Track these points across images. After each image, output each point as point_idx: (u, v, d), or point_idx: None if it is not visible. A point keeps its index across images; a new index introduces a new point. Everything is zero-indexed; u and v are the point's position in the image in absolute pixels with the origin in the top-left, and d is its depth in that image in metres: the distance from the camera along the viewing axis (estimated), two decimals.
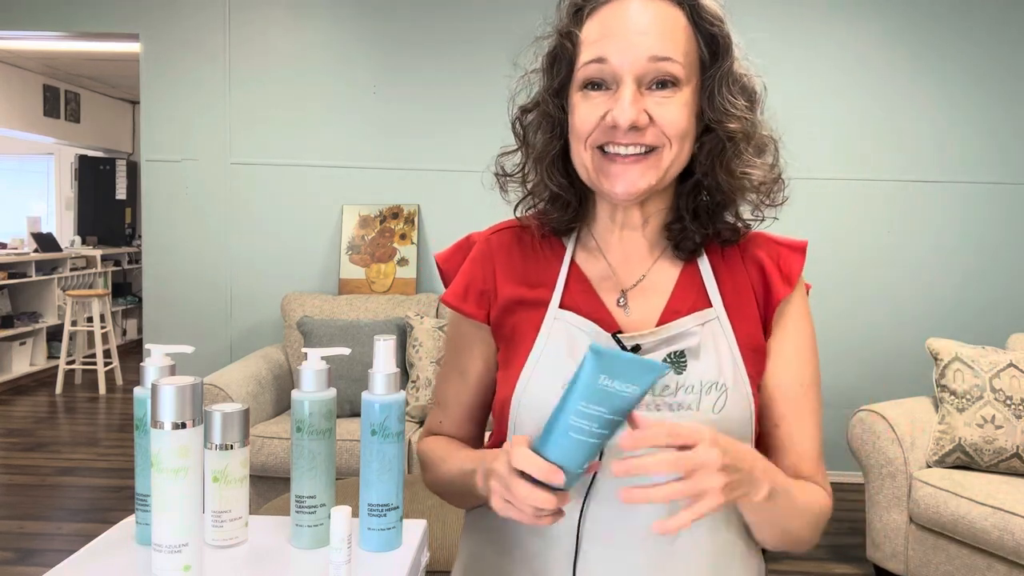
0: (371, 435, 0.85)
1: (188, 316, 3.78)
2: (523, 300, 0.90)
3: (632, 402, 0.70)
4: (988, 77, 3.65)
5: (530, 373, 0.85)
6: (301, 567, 0.81)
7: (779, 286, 0.88)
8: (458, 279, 0.93)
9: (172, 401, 0.71)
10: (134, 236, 7.80)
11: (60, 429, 4.56)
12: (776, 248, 0.91)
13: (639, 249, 0.90)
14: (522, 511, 0.71)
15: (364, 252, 3.67)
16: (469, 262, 0.94)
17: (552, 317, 0.87)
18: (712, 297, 0.87)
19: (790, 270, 0.89)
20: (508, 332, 0.90)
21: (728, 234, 0.89)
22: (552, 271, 0.91)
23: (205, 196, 3.76)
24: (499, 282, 0.91)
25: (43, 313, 6.08)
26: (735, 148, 0.84)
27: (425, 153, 3.71)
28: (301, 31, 3.70)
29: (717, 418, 0.81)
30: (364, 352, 3.07)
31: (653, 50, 0.79)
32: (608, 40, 0.80)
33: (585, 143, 0.82)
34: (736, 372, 0.84)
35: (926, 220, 3.69)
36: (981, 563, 2.30)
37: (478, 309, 0.92)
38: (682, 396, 0.82)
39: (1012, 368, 2.47)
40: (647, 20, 0.80)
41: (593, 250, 0.92)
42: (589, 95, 0.82)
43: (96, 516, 3.21)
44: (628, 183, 0.81)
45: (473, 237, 0.97)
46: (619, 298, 0.89)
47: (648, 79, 0.80)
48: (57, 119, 7.12)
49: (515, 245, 0.94)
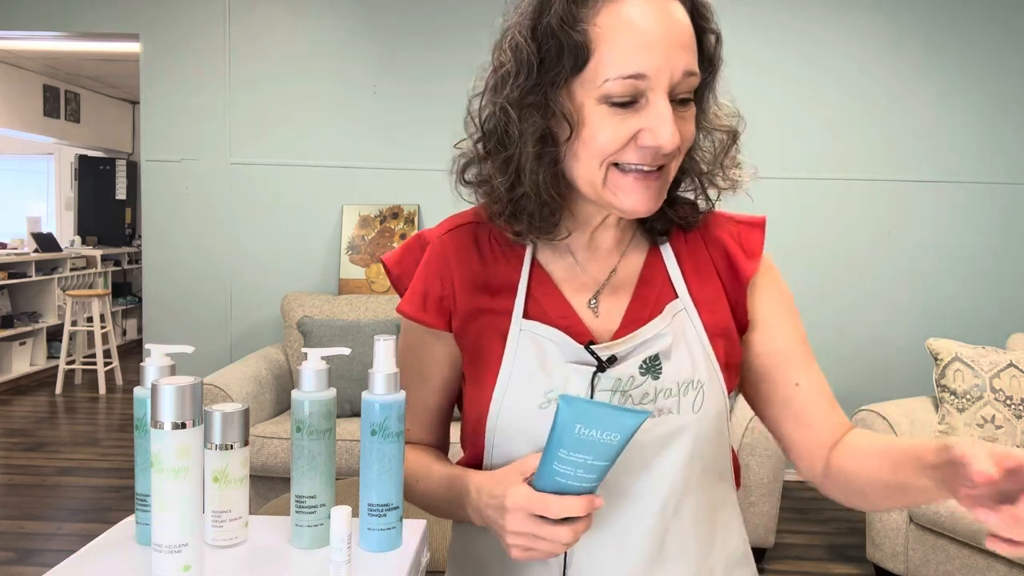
0: (371, 435, 0.84)
1: (188, 316, 3.78)
2: (484, 308, 0.84)
3: (618, 449, 0.68)
4: (988, 77, 3.65)
5: (502, 393, 0.80)
6: (301, 567, 0.81)
7: (744, 265, 0.86)
8: (414, 286, 0.87)
9: (172, 401, 0.71)
10: (134, 236, 7.80)
11: (60, 429, 4.56)
12: (735, 227, 0.88)
13: (607, 242, 0.86)
14: (558, 550, 0.71)
15: (364, 252, 3.67)
16: (424, 266, 0.86)
17: (517, 328, 0.82)
18: (677, 286, 0.85)
19: (752, 246, 0.87)
20: (472, 343, 0.85)
21: (687, 212, 0.86)
22: (513, 274, 0.85)
23: (205, 196, 3.76)
24: (457, 288, 0.85)
25: (43, 313, 6.08)
26: (721, 150, 0.83)
27: (425, 153, 3.71)
28: (301, 31, 3.71)
29: (697, 417, 0.80)
30: (364, 352, 3.07)
31: (688, 64, 0.73)
32: (648, 52, 0.71)
33: (602, 161, 0.75)
34: (708, 363, 0.82)
35: (926, 220, 3.69)
36: (981, 563, 2.30)
37: (439, 318, 0.86)
38: (662, 401, 0.79)
39: (1012, 368, 2.47)
40: (680, 25, 0.73)
41: (559, 247, 0.86)
42: (616, 111, 0.73)
43: (96, 516, 3.21)
44: (642, 201, 0.76)
45: (425, 236, 0.89)
46: (591, 298, 0.84)
47: (674, 92, 0.74)
48: (57, 119, 7.12)
49: (471, 245, 0.87)
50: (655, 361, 0.80)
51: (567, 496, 0.69)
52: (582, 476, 0.68)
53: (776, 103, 3.57)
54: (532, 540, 0.70)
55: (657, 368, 0.80)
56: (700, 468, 0.81)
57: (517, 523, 0.70)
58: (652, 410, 0.79)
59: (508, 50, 0.76)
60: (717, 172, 0.84)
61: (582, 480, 0.69)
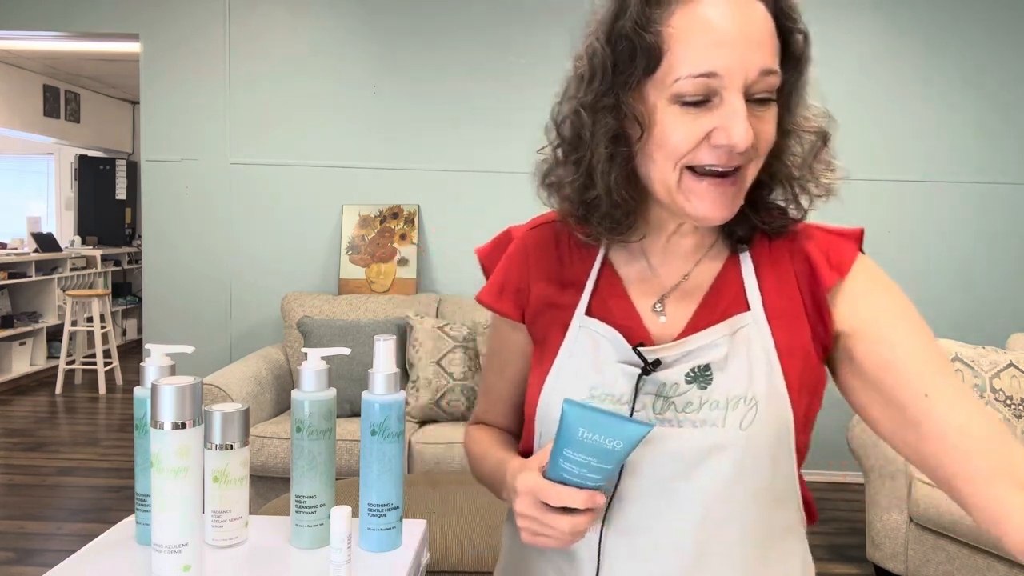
0: (371, 435, 0.85)
1: (188, 316, 3.78)
2: (554, 303, 0.86)
3: (621, 455, 0.69)
4: (988, 77, 3.65)
5: (552, 385, 0.82)
6: (301, 567, 0.81)
7: (825, 274, 0.80)
8: (494, 276, 0.91)
9: (172, 401, 0.71)
10: (134, 236, 7.80)
11: (60, 429, 4.56)
12: (826, 238, 0.83)
13: (683, 248, 0.84)
14: (561, 539, 0.73)
15: (364, 252, 3.67)
16: (506, 259, 0.90)
17: (577, 325, 0.83)
18: (751, 299, 0.81)
19: (840, 259, 0.80)
20: (539, 335, 0.87)
21: (776, 217, 0.82)
22: (584, 272, 0.86)
23: (205, 196, 3.76)
24: (532, 281, 0.88)
25: (43, 313, 6.08)
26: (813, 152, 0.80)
27: (425, 153, 3.71)
28: (301, 31, 3.71)
29: (745, 435, 0.76)
30: (364, 352, 3.07)
31: (766, 62, 0.71)
32: (720, 50, 0.70)
33: (676, 163, 0.74)
34: (771, 383, 0.78)
35: (926, 220, 3.69)
36: (981, 563, 2.30)
37: (513, 308, 0.89)
38: (706, 412, 0.77)
39: (1012, 368, 2.47)
40: (757, 22, 0.71)
41: (634, 250, 0.86)
42: (689, 111, 0.72)
43: (96, 516, 3.21)
44: (716, 208, 0.74)
45: (512, 231, 0.93)
46: (656, 303, 0.84)
47: (751, 91, 0.72)
48: (57, 119, 7.12)
49: (551, 242, 0.89)
50: (705, 371, 0.78)
51: (569, 488, 0.71)
52: (586, 475, 0.70)
53: None
54: (537, 525, 0.73)
55: (706, 378, 0.78)
56: (750, 489, 0.78)
57: (524, 506, 0.73)
58: (684, 420, 0.78)
59: (584, 55, 0.78)
60: (807, 176, 0.80)
61: (586, 479, 0.71)
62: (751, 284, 0.82)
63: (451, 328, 3.15)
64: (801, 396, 0.79)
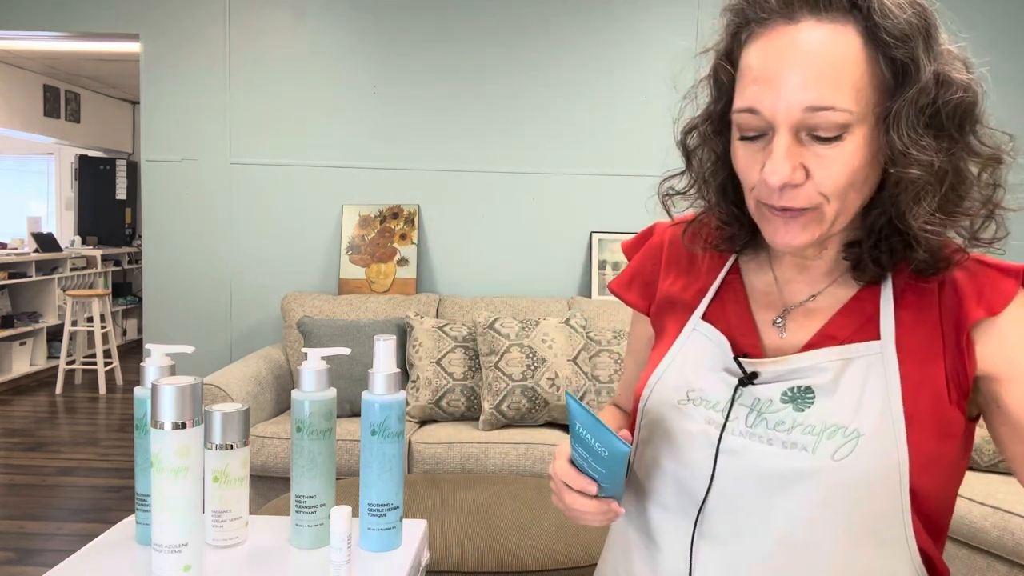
0: (371, 435, 0.85)
1: (188, 316, 3.78)
2: (677, 300, 0.89)
3: (611, 463, 0.73)
4: (989, 77, 3.65)
5: (656, 379, 0.85)
6: (301, 567, 0.81)
7: (972, 308, 0.74)
8: (630, 267, 0.95)
9: (172, 401, 0.71)
10: (134, 236, 7.80)
11: (60, 429, 4.56)
12: (983, 270, 0.76)
13: (814, 268, 0.82)
14: (565, 510, 0.81)
15: (364, 252, 3.67)
16: (643, 252, 0.94)
17: (692, 327, 0.86)
18: (883, 329, 0.76)
19: (993, 295, 0.74)
20: (659, 329, 0.91)
21: (924, 266, 0.76)
22: (712, 276, 0.88)
23: (205, 196, 3.76)
24: (661, 276, 0.92)
25: (43, 313, 6.08)
26: (916, 195, 0.71)
27: (425, 153, 3.71)
28: (301, 31, 3.71)
29: (837, 466, 0.73)
30: (364, 352, 3.07)
31: (812, 99, 0.68)
32: (761, 87, 0.70)
33: (750, 191, 0.76)
34: (885, 418, 0.73)
35: None
36: (981, 563, 2.30)
37: (640, 299, 0.93)
38: (797, 435, 0.74)
39: None
40: (808, 58, 0.68)
41: (763, 261, 0.86)
42: (747, 144, 0.74)
43: (96, 516, 3.21)
44: (788, 237, 0.74)
45: (656, 226, 0.96)
46: (777, 317, 0.82)
47: (808, 127, 0.69)
48: (57, 119, 7.12)
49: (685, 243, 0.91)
50: (807, 393, 0.76)
51: (571, 468, 0.79)
52: (586, 467, 0.77)
53: None
54: (554, 487, 0.82)
55: (807, 401, 0.76)
56: (841, 522, 0.74)
57: (552, 469, 0.83)
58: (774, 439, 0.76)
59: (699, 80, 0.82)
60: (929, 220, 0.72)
61: (588, 469, 0.77)
62: (886, 313, 0.77)
63: (451, 328, 3.15)
64: (924, 436, 0.73)
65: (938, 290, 0.77)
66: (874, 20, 0.68)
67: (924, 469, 0.73)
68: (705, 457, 0.79)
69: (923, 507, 0.75)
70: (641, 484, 0.86)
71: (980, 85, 0.74)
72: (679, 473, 0.81)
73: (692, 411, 0.81)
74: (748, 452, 0.77)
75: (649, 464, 0.85)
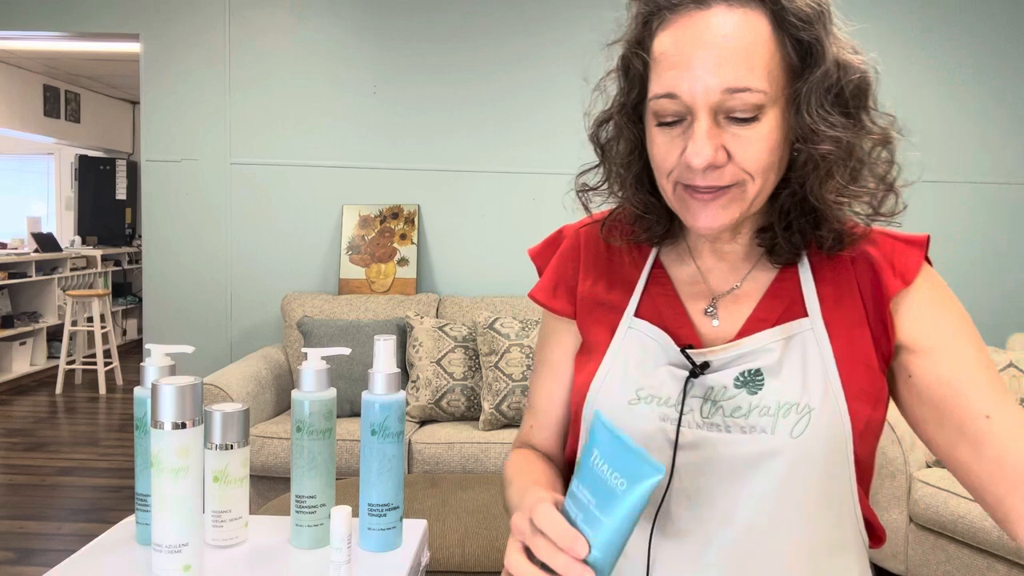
0: (371, 435, 0.85)
1: (188, 316, 3.78)
2: (602, 301, 0.87)
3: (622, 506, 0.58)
4: (990, 76, 3.65)
5: (599, 385, 0.82)
6: (301, 567, 0.81)
7: (890, 281, 0.78)
8: (548, 274, 0.92)
9: (172, 401, 0.71)
10: (134, 236, 7.80)
11: (60, 429, 4.56)
12: (891, 244, 0.81)
13: (733, 254, 0.84)
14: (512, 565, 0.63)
15: (364, 252, 3.67)
16: (558, 257, 0.91)
17: (626, 326, 0.83)
18: (809, 306, 0.79)
19: (905, 266, 0.79)
20: (587, 333, 0.87)
21: (831, 243, 0.79)
22: (634, 272, 0.87)
23: (205, 196, 3.76)
24: (581, 278, 0.89)
25: (43, 313, 6.08)
26: (827, 170, 0.74)
27: (425, 153, 3.71)
28: (301, 31, 3.71)
29: (797, 443, 0.75)
30: (364, 352, 3.07)
31: (728, 81, 0.70)
32: (678, 72, 0.71)
33: (667, 177, 0.76)
34: (828, 391, 0.76)
35: (926, 220, 3.69)
36: (981, 563, 2.30)
37: (567, 305, 0.89)
38: (756, 418, 0.76)
39: (1012, 368, 2.47)
40: (721, 41, 0.70)
41: (683, 252, 0.86)
42: (665, 130, 0.74)
43: (96, 516, 3.21)
44: (709, 219, 0.75)
45: (564, 230, 0.94)
46: (707, 306, 0.83)
47: (725, 109, 0.71)
48: (57, 119, 7.12)
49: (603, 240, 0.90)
50: (756, 376, 0.77)
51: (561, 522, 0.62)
52: (582, 520, 0.61)
53: None
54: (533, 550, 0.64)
55: (757, 383, 0.77)
56: (800, 499, 0.76)
57: (517, 519, 0.65)
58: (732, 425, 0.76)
59: (609, 72, 0.81)
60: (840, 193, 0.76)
61: (585, 526, 0.61)
62: (809, 291, 0.80)
63: (451, 328, 3.15)
64: (861, 405, 0.77)
65: (851, 264, 0.80)
66: (781, 4, 0.71)
67: (862, 437, 0.77)
68: (663, 455, 0.78)
69: (861, 473, 0.79)
70: None
71: (873, 68, 0.76)
72: None
73: (644, 410, 0.79)
74: (707, 443, 0.76)
75: None
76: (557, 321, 0.91)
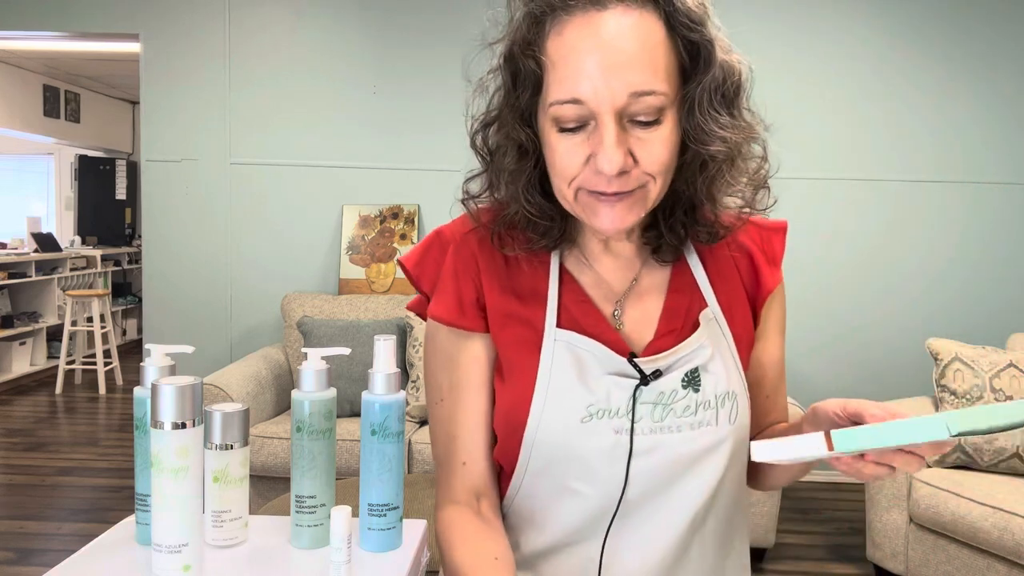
0: (371, 435, 0.84)
1: (188, 316, 3.78)
2: (514, 315, 0.82)
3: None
4: (990, 76, 3.65)
5: (541, 406, 0.78)
6: (301, 567, 0.81)
7: (768, 276, 0.86)
8: (446, 289, 0.85)
9: (172, 401, 0.71)
10: (134, 236, 7.80)
11: (60, 429, 4.56)
12: (759, 232, 0.87)
13: (625, 253, 0.85)
14: None
15: (364, 252, 3.67)
16: (452, 268, 0.85)
17: (552, 339, 0.80)
18: (706, 295, 0.84)
19: (774, 253, 0.87)
20: (504, 351, 0.83)
21: (705, 237, 0.82)
22: (540, 281, 0.83)
23: (205, 196, 3.76)
24: (487, 290, 0.83)
25: (43, 313, 6.08)
26: (717, 169, 0.76)
27: (425, 153, 3.71)
28: (301, 31, 3.71)
29: (734, 428, 0.80)
30: (364, 352, 3.07)
31: (634, 85, 0.68)
32: (583, 77, 0.69)
33: (569, 183, 0.74)
34: (739, 374, 0.82)
35: (926, 220, 3.69)
36: (981, 563, 2.30)
37: (477, 321, 0.83)
38: (702, 414, 0.79)
39: (1012, 368, 2.47)
40: (624, 44, 0.68)
41: (579, 259, 0.85)
42: (568, 136, 0.72)
43: (96, 516, 3.21)
44: (615, 221, 0.74)
45: (444, 235, 0.87)
46: (614, 310, 0.83)
47: (629, 113, 0.70)
48: (57, 119, 7.12)
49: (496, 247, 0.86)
50: (695, 374, 0.80)
51: None
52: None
53: (778, 103, 3.56)
54: None
55: (697, 381, 0.80)
56: (732, 478, 0.82)
57: None
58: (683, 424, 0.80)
59: (490, 71, 0.79)
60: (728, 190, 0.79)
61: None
62: (703, 281, 0.84)
63: None
64: (750, 384, 0.85)
65: (727, 249, 0.86)
66: (674, 5, 0.70)
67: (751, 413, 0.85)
68: (618, 467, 0.78)
69: None
70: (546, 511, 0.82)
71: (748, 66, 0.77)
72: (590, 491, 0.79)
73: (598, 426, 0.78)
74: (661, 447, 0.78)
75: (552, 491, 0.81)
76: (465, 339, 0.84)
